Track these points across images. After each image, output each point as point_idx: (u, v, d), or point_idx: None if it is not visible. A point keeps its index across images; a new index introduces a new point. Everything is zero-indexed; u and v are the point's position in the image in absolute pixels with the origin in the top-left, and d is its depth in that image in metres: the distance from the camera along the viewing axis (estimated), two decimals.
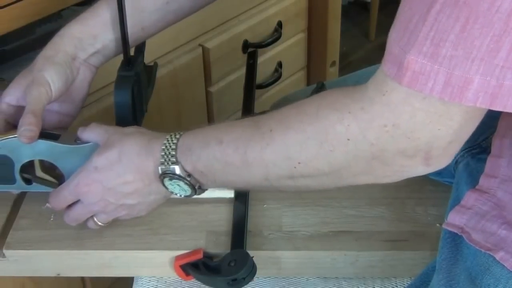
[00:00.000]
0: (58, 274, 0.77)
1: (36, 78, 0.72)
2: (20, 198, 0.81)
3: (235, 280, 0.69)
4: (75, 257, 0.75)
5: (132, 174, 0.68)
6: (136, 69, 0.77)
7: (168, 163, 0.66)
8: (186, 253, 0.73)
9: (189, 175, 0.66)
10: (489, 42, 0.47)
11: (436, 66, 0.48)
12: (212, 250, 0.74)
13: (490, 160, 0.64)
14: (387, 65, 0.52)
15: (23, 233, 0.76)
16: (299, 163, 0.60)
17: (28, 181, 0.74)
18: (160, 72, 1.08)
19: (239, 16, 1.31)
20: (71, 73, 0.75)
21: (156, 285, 0.79)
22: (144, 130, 0.71)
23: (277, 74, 1.42)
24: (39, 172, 0.74)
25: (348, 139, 0.56)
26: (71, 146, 0.72)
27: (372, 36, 2.60)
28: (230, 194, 0.80)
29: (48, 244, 0.75)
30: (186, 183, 0.67)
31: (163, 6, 0.79)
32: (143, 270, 0.77)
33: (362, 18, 2.67)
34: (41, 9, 0.93)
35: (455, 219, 0.64)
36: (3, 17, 0.89)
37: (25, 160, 0.72)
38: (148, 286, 0.79)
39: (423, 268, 0.70)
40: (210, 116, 1.32)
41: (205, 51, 1.23)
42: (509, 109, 0.49)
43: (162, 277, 0.79)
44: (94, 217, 0.72)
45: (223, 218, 0.78)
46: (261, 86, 1.36)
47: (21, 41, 1.01)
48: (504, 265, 0.59)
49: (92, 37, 0.76)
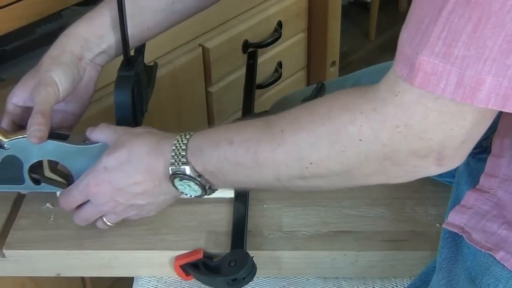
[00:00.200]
0: (58, 274, 0.77)
1: (43, 78, 0.72)
2: (20, 198, 0.81)
3: (235, 280, 0.69)
4: (75, 257, 0.75)
5: (142, 175, 0.68)
6: (136, 69, 0.78)
7: (178, 164, 0.65)
8: (186, 253, 0.73)
9: (200, 176, 0.66)
10: (501, 42, 0.46)
11: (448, 67, 0.48)
12: (212, 250, 0.74)
13: (490, 159, 0.64)
14: (399, 66, 0.51)
15: (23, 233, 0.76)
16: (310, 164, 0.60)
17: (36, 181, 0.74)
18: (160, 72, 1.08)
19: (239, 16, 1.31)
20: (77, 73, 0.75)
21: (156, 285, 0.79)
22: (153, 130, 0.71)
23: (277, 74, 1.42)
24: (48, 172, 0.74)
25: (360, 140, 0.56)
26: (80, 146, 0.72)
27: (372, 36, 2.60)
28: (230, 194, 0.80)
29: (48, 244, 0.75)
30: (196, 184, 0.66)
31: (168, 6, 0.79)
32: (143, 270, 0.77)
33: (362, 18, 2.67)
34: (41, 9, 0.93)
35: (456, 219, 0.63)
36: (3, 17, 0.89)
37: (34, 160, 0.72)
38: (148, 286, 0.79)
39: (423, 268, 0.70)
40: (210, 116, 1.32)
41: (205, 51, 1.23)
42: None
43: (162, 277, 0.79)
44: (103, 217, 0.72)
45: (223, 218, 0.78)
46: (261, 86, 1.36)
47: (21, 41, 1.01)
48: (504, 265, 0.59)
49: (98, 37, 0.76)
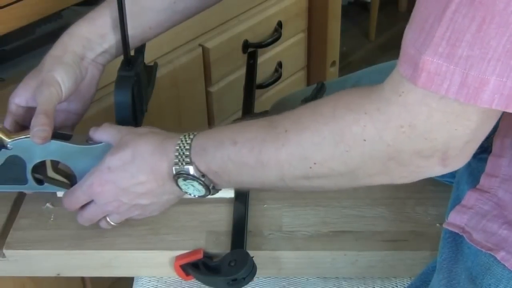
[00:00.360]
0: (58, 274, 0.77)
1: (46, 78, 0.72)
2: (20, 198, 0.81)
3: (235, 280, 0.69)
4: (75, 257, 0.75)
5: (146, 175, 0.68)
6: (136, 69, 0.78)
7: (182, 163, 0.65)
8: (186, 253, 0.73)
9: (203, 176, 0.66)
10: (505, 42, 0.46)
11: (452, 67, 0.48)
12: (212, 250, 0.74)
13: (491, 159, 0.64)
14: (403, 66, 0.51)
15: (23, 233, 0.76)
16: (314, 164, 0.59)
17: (39, 182, 0.74)
18: (160, 72, 1.08)
19: (239, 16, 1.31)
20: (80, 73, 0.75)
21: (156, 285, 0.79)
22: (157, 130, 0.71)
23: (277, 74, 1.42)
24: (51, 173, 0.74)
25: (365, 140, 0.56)
26: (83, 146, 0.72)
27: (372, 36, 2.60)
28: (230, 194, 0.80)
29: (48, 244, 0.75)
30: (200, 183, 0.66)
31: (170, 5, 0.79)
32: (143, 270, 0.77)
33: (362, 18, 2.67)
34: (41, 9, 0.93)
35: (456, 219, 0.63)
36: (3, 17, 0.88)
37: (37, 161, 0.72)
38: (148, 286, 0.79)
39: (423, 268, 0.70)
40: (210, 116, 1.32)
41: (205, 51, 1.23)
42: None
43: (162, 277, 0.79)
44: (107, 217, 0.72)
45: (223, 218, 0.78)
46: (261, 86, 1.36)
47: (21, 41, 1.01)
48: (505, 265, 0.59)
49: (99, 36, 0.77)
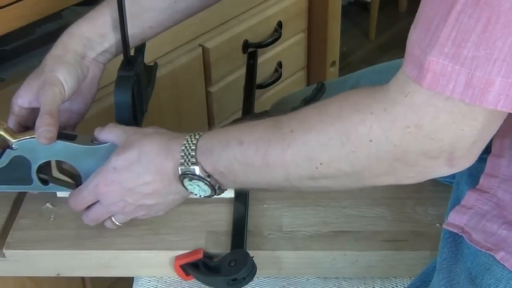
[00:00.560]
0: (58, 274, 0.77)
1: (48, 78, 0.72)
2: (20, 198, 0.81)
3: (235, 280, 0.69)
4: (75, 257, 0.75)
5: (152, 175, 0.68)
6: (136, 69, 0.78)
7: (188, 164, 0.65)
8: (186, 253, 0.73)
9: (209, 176, 0.66)
10: (511, 43, 0.46)
11: (457, 67, 0.48)
12: (212, 250, 0.74)
13: (490, 159, 0.64)
14: (408, 67, 0.51)
15: (23, 233, 0.76)
16: (321, 164, 0.59)
17: (44, 182, 0.74)
18: (160, 72, 1.08)
19: (239, 16, 1.31)
20: (81, 72, 0.76)
21: (156, 285, 0.79)
22: (162, 130, 0.71)
23: (277, 74, 1.42)
24: (56, 173, 0.74)
25: (371, 140, 0.56)
26: (88, 146, 0.72)
27: (372, 36, 2.60)
28: (230, 194, 0.80)
29: (48, 244, 0.75)
30: (206, 184, 0.66)
31: (170, 5, 0.79)
32: (143, 270, 0.77)
33: (362, 18, 2.67)
34: (41, 9, 0.93)
35: (456, 219, 0.63)
36: (3, 17, 0.88)
37: (42, 161, 0.72)
38: (148, 286, 0.79)
39: (423, 268, 0.70)
40: (210, 116, 1.32)
41: (205, 51, 1.23)
42: None
43: (162, 277, 0.79)
44: (112, 217, 0.72)
45: (223, 218, 0.78)
46: (261, 86, 1.36)
47: (21, 41, 1.01)
48: (504, 265, 0.59)
49: (100, 36, 0.77)
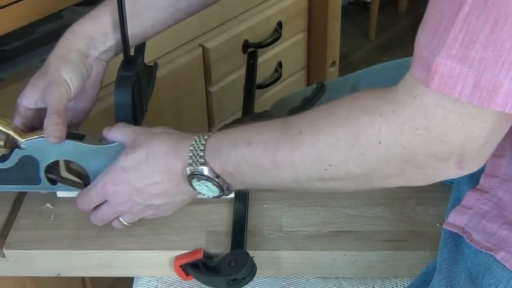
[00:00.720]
0: (58, 274, 0.77)
1: (53, 78, 0.72)
2: (20, 198, 0.81)
3: (235, 280, 0.69)
4: (75, 257, 0.75)
5: (160, 175, 0.68)
6: (136, 69, 0.78)
7: (196, 164, 0.65)
8: (186, 253, 0.73)
9: (218, 176, 0.66)
10: None
11: (465, 69, 0.48)
12: (212, 250, 0.74)
13: (490, 159, 0.64)
14: (417, 69, 0.51)
15: (23, 233, 0.76)
16: (329, 166, 0.59)
17: (53, 182, 0.74)
18: (160, 72, 1.08)
19: (239, 16, 1.31)
20: (86, 71, 0.76)
21: (156, 285, 0.79)
22: (171, 130, 0.71)
23: (277, 74, 1.42)
24: (64, 173, 0.74)
25: (380, 142, 0.55)
26: (96, 146, 0.72)
27: (372, 36, 2.60)
28: (230, 194, 0.79)
29: (48, 244, 0.75)
30: (214, 184, 0.66)
31: (172, 3, 0.79)
32: (143, 270, 0.77)
33: (362, 18, 2.67)
34: (41, 9, 0.93)
35: (456, 219, 0.63)
36: (3, 17, 0.88)
37: (50, 161, 0.72)
38: (148, 286, 0.79)
39: (423, 268, 0.70)
40: (210, 116, 1.32)
41: (205, 51, 1.23)
42: None
43: (162, 277, 0.79)
44: (120, 217, 0.72)
45: (223, 218, 0.78)
46: (261, 86, 1.36)
47: (21, 41, 1.01)
48: (505, 265, 0.59)
49: (102, 35, 0.77)
